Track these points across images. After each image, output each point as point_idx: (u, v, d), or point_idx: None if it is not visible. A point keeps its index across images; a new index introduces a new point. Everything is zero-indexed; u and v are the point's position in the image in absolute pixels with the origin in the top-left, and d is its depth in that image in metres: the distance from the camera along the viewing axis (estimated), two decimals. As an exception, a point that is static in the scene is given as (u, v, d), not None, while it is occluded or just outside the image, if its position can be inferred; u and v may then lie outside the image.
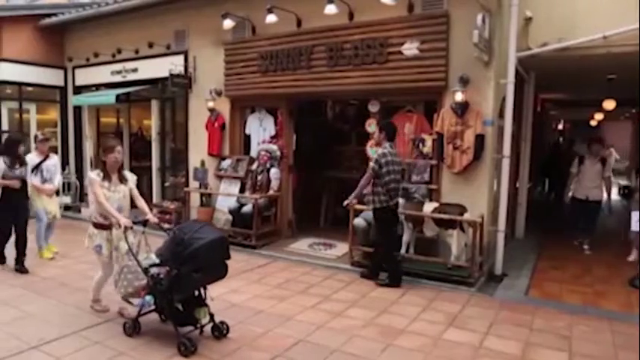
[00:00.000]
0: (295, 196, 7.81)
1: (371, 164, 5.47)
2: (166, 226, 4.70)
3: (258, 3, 7.13)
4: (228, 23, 7.20)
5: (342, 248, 6.79)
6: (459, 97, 5.71)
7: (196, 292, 3.94)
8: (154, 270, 3.87)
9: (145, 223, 4.28)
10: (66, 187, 10.30)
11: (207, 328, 4.02)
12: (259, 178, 7.24)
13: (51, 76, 10.27)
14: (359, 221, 6.07)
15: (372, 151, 6.60)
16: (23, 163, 5.83)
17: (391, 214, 5.46)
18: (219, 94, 7.89)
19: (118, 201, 4.30)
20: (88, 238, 4.37)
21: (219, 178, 8.01)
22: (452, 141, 5.87)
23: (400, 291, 5.29)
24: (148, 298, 3.86)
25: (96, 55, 9.70)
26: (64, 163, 10.48)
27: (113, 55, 9.39)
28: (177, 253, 3.73)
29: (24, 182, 5.82)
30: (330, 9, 6.29)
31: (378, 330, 4.26)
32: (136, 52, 9.02)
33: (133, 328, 4.04)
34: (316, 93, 7.04)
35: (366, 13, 6.45)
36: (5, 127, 9.84)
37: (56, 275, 5.73)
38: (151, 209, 8.53)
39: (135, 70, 9.12)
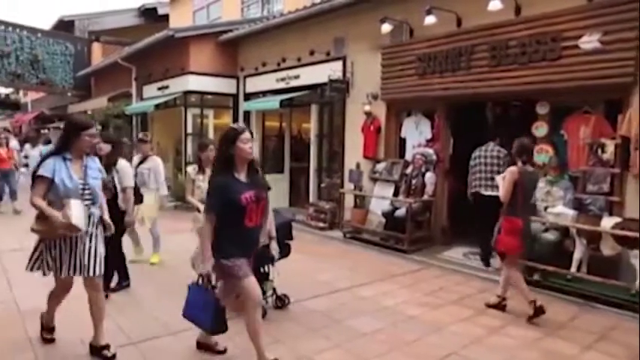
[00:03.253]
0: (451, 202, 7.53)
1: None
2: None
3: (416, 5, 7.07)
4: (386, 27, 7.26)
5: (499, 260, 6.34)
6: (652, 94, 4.91)
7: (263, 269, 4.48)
8: None
9: None
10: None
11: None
12: (414, 182, 7.14)
13: (226, 85, 11.52)
14: (521, 232, 5.59)
15: (540, 156, 6.02)
16: (109, 168, 4.67)
17: (472, 199, 6.47)
18: (375, 97, 7.99)
19: None
20: (192, 222, 4.99)
21: (374, 180, 8.11)
22: (641, 146, 5.06)
23: (570, 313, 4.74)
24: None
25: (264, 65, 10.59)
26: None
27: (278, 64, 10.14)
28: None
29: (112, 191, 4.72)
30: (495, 5, 5.94)
31: (541, 354, 3.86)
32: (299, 59, 9.61)
33: None
34: (476, 95, 6.69)
35: (535, 6, 5.93)
36: (190, 130, 11.34)
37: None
38: (307, 208, 9.17)
39: (297, 77, 9.73)
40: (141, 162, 6.08)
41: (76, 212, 3.20)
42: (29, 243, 3.53)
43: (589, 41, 5.36)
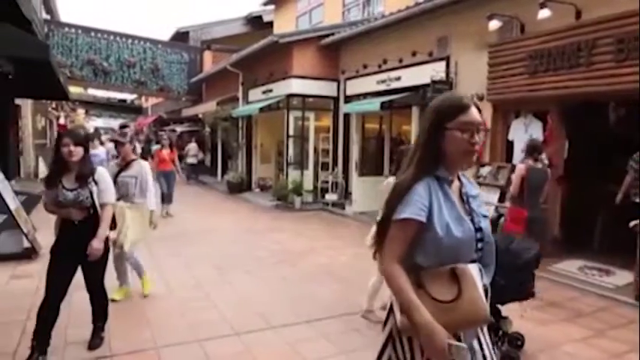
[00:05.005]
0: (564, 210, 6.93)
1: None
2: None
3: (528, -1, 6.62)
4: (494, 24, 6.89)
5: (622, 277, 5.71)
6: None
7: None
8: None
9: None
10: (333, 186, 11.61)
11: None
12: (522, 187, 6.66)
13: (327, 88, 11.73)
14: (650, 247, 4.98)
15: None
16: (83, 179, 3.44)
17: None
18: (480, 98, 7.61)
19: None
20: (371, 238, 4.62)
21: (477, 185, 7.71)
22: None
23: None
24: None
25: (364, 67, 10.59)
26: (333, 165, 11.81)
27: (379, 66, 10.07)
28: (506, 262, 3.18)
29: (90, 210, 3.49)
30: (623, -7, 5.35)
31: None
32: (400, 61, 9.46)
33: None
34: (597, 93, 6.09)
35: (673, -7, 5.26)
36: (292, 132, 11.68)
37: (324, 264, 6.46)
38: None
39: (398, 79, 9.58)
40: (121, 169, 4.71)
41: (482, 291, 1.68)
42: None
43: None
